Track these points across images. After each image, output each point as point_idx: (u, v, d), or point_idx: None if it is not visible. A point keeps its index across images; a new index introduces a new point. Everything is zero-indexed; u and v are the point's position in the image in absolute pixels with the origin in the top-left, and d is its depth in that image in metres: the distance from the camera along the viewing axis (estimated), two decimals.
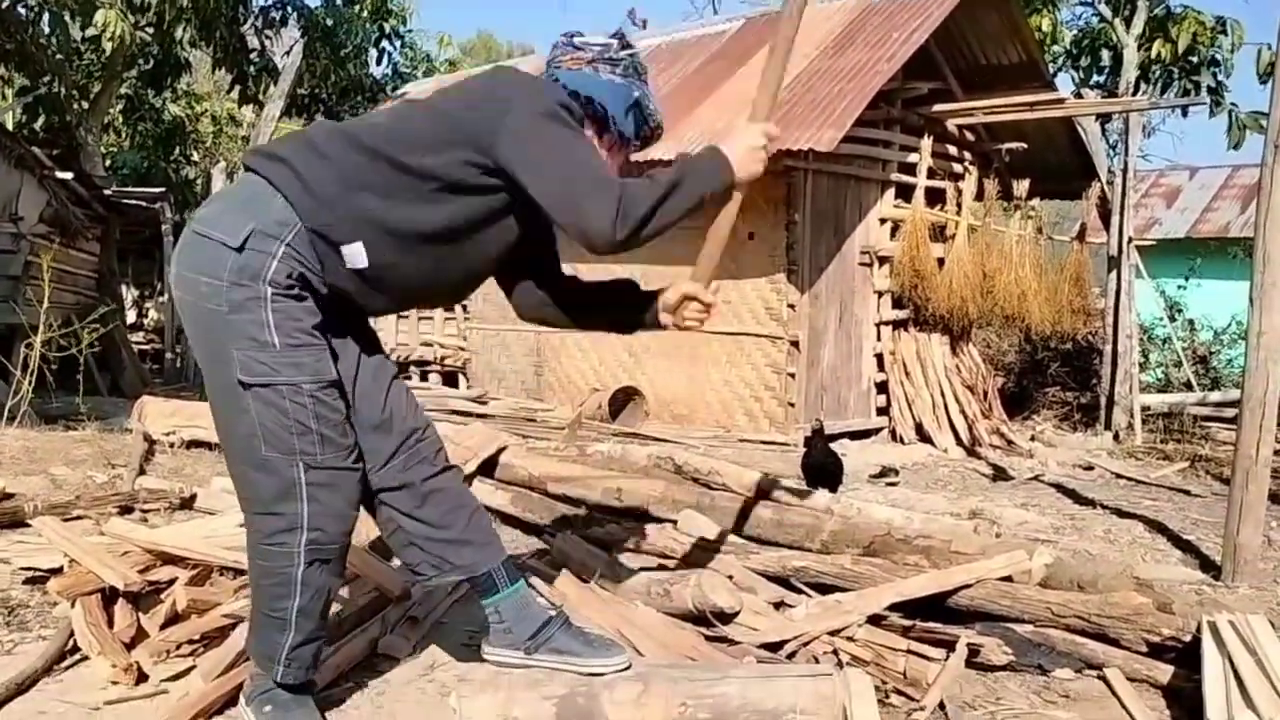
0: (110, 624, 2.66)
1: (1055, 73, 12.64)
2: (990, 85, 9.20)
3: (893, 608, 2.95)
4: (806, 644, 2.74)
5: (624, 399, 8.78)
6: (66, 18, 12.50)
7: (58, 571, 3.05)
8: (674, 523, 3.74)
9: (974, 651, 2.70)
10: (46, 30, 12.68)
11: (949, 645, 2.67)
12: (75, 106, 14.08)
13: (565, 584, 3.05)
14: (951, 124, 9.29)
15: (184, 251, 2.12)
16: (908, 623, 2.85)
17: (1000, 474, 7.22)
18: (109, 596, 2.80)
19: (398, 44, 17.25)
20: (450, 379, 11.05)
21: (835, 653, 2.71)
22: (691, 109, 8.60)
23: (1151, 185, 17.20)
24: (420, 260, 2.18)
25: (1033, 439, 8.88)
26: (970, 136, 9.62)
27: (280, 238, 2.05)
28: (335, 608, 2.65)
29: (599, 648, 2.31)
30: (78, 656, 2.58)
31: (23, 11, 12.63)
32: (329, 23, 15.56)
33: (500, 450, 4.67)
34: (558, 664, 2.28)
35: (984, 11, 8.84)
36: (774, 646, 2.73)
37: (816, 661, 2.64)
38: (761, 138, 2.31)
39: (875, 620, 2.86)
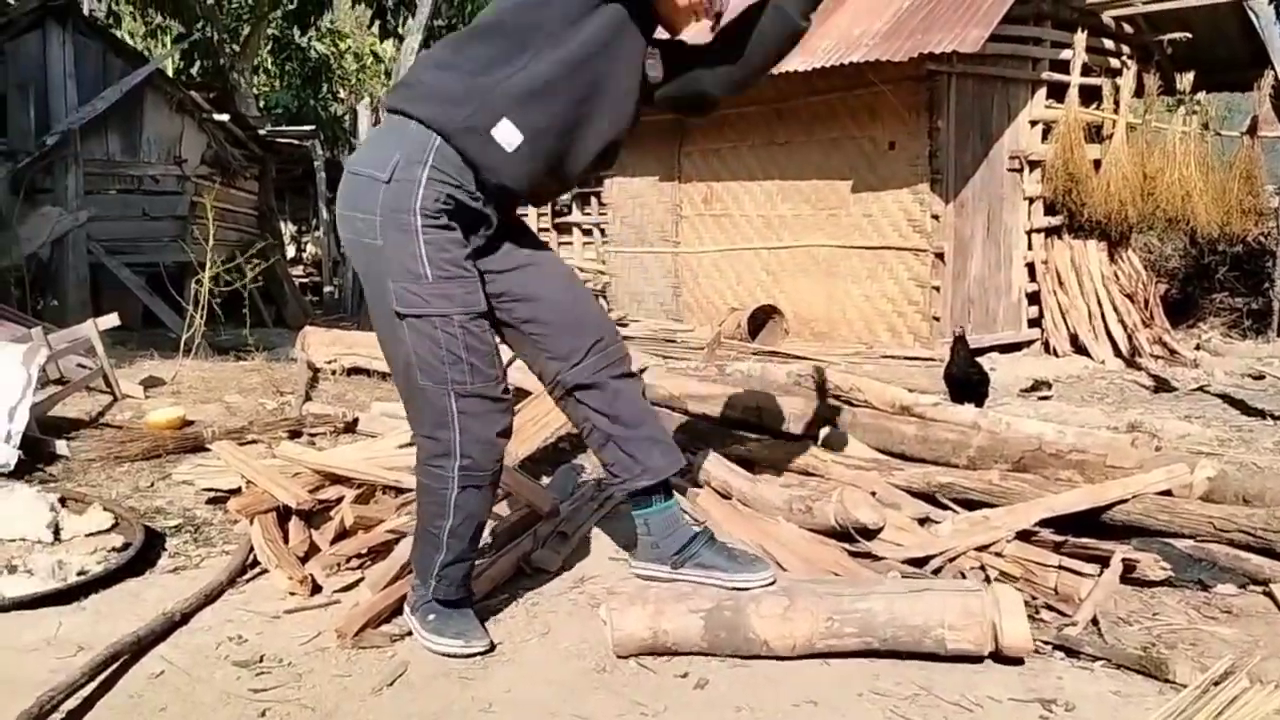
0: (285, 540, 2.86)
1: None
2: None
3: (1044, 524, 2.88)
4: (953, 560, 2.72)
5: (763, 318, 8.74)
6: None
7: (236, 492, 3.28)
8: (815, 439, 3.73)
9: (1130, 567, 2.62)
10: None
11: (1103, 561, 2.60)
12: (227, 50, 14.68)
13: (708, 501, 3.10)
14: (1107, 16, 8.70)
15: (342, 190, 2.25)
16: (1059, 539, 2.79)
17: (1162, 385, 6.90)
18: (283, 515, 3.00)
19: None
20: None
21: (983, 569, 2.68)
22: (826, 16, 8.30)
23: None
24: (566, 110, 2.19)
25: (1198, 348, 8.43)
26: (1129, 29, 8.99)
27: (423, 161, 2.12)
28: (490, 523, 2.77)
29: (744, 563, 2.36)
30: (258, 570, 2.78)
31: None
32: None
33: (641, 371, 4.73)
34: (703, 579, 2.34)
35: None
36: (919, 562, 2.72)
37: (963, 578, 2.62)
38: None
39: (1025, 536, 2.80)
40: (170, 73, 12.97)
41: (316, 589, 2.62)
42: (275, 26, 16.35)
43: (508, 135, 2.13)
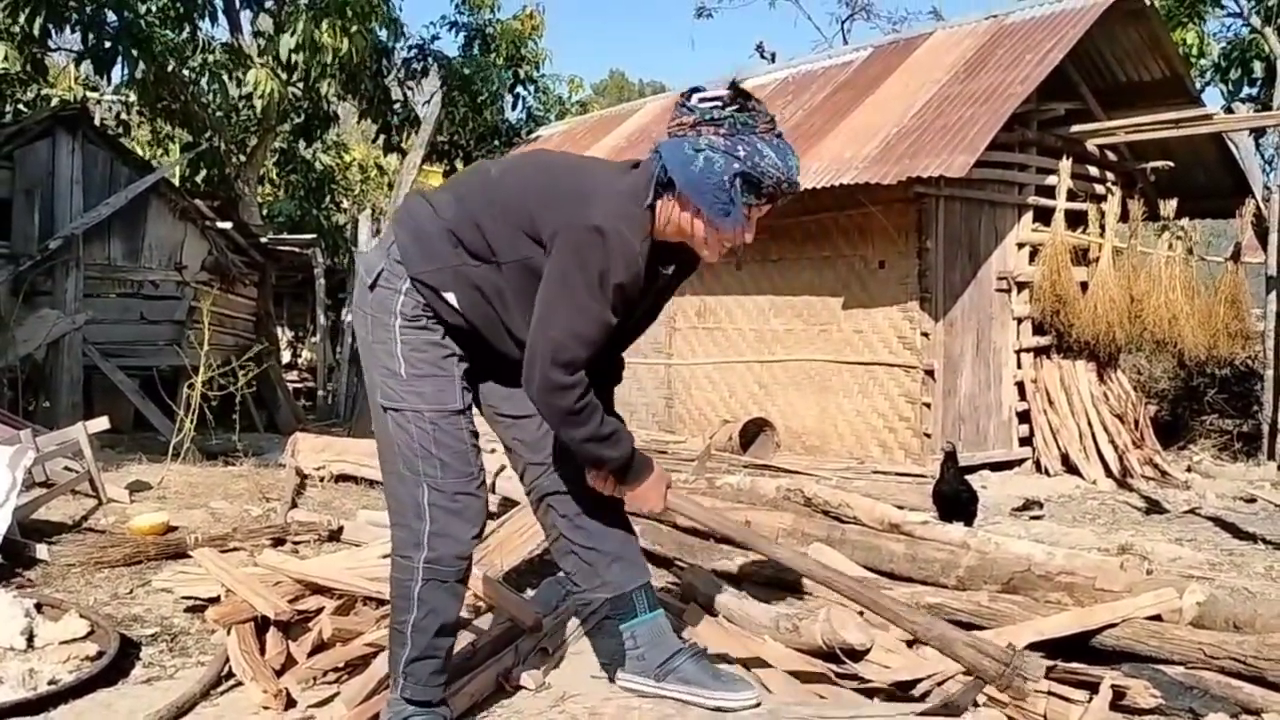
0: (262, 651, 2.81)
1: (1203, 87, 12.13)
2: (1132, 103, 8.88)
3: (1032, 647, 2.84)
4: (941, 683, 2.67)
5: (755, 430, 8.75)
6: (224, 78, 13.36)
7: (216, 600, 3.24)
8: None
9: (1120, 694, 2.57)
10: (206, 90, 13.57)
11: (1092, 687, 2.56)
12: (234, 160, 14.99)
13: (694, 617, 3.06)
14: (1091, 144, 8.96)
15: (354, 290, 2.43)
16: (1049, 662, 2.74)
17: (1154, 507, 6.88)
18: (261, 625, 2.96)
19: (532, 89, 17.76)
20: None
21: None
22: (818, 140, 8.56)
23: None
24: (499, 316, 2.28)
25: (1189, 470, 8.43)
26: (1112, 156, 9.27)
27: (404, 275, 2.26)
28: (470, 637, 2.73)
29: (728, 683, 2.33)
30: (233, 682, 2.73)
31: (186, 73, 13.56)
32: (466, 72, 16.17)
33: None
34: (685, 694, 2.32)
35: (1122, 29, 8.55)
36: (908, 685, 2.67)
37: (951, 702, 2.57)
38: (658, 504, 2.41)
39: None
40: (176, 180, 13.23)
41: (291, 703, 2.57)
42: (282, 139, 16.76)
43: (453, 301, 2.27)
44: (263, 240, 12.75)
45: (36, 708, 2.54)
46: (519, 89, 17.46)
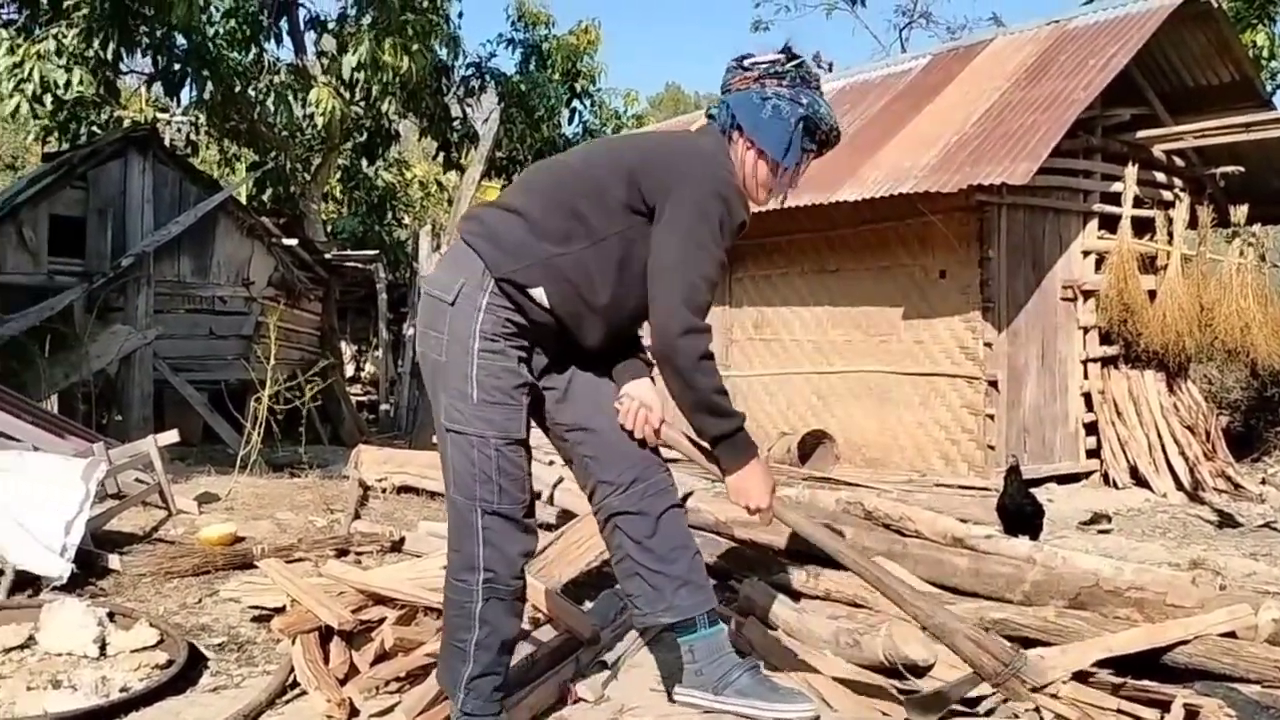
0: (326, 660, 2.85)
1: (1275, 90, 11.80)
2: (1200, 107, 8.68)
3: (1101, 664, 2.77)
4: (1005, 700, 2.62)
5: (813, 443, 8.68)
6: (289, 98, 13.66)
7: (281, 610, 3.29)
8: None
9: (1192, 713, 2.50)
10: (271, 110, 13.89)
11: (1164, 705, 2.49)
12: (298, 178, 15.30)
13: (752, 631, 3.04)
14: (1158, 150, 8.77)
15: (420, 308, 2.40)
16: (1118, 680, 2.68)
17: (1227, 520, 6.69)
18: (325, 634, 3.00)
19: (588, 103, 17.86)
20: None
21: (1037, 710, 2.58)
22: (876, 149, 8.49)
23: None
24: (596, 295, 2.31)
25: (1263, 482, 8.18)
26: (1179, 162, 9.05)
27: (483, 288, 2.25)
28: (528, 648, 2.74)
29: (786, 695, 2.31)
30: (297, 691, 2.76)
31: (252, 94, 13.88)
32: (523, 88, 16.32)
33: (687, 495, 4.70)
34: (744, 707, 2.30)
35: (1189, 31, 8.37)
36: (972, 703, 2.63)
37: (1017, 719, 2.53)
38: (765, 500, 2.41)
39: (1082, 677, 2.69)
40: (243, 199, 13.52)
41: (354, 712, 2.60)
42: (345, 157, 17.06)
43: (541, 298, 2.29)
44: (327, 256, 12.98)
45: (109, 714, 2.60)
46: (575, 104, 17.58)
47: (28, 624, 3.15)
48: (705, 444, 2.44)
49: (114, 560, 4.19)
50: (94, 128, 12.77)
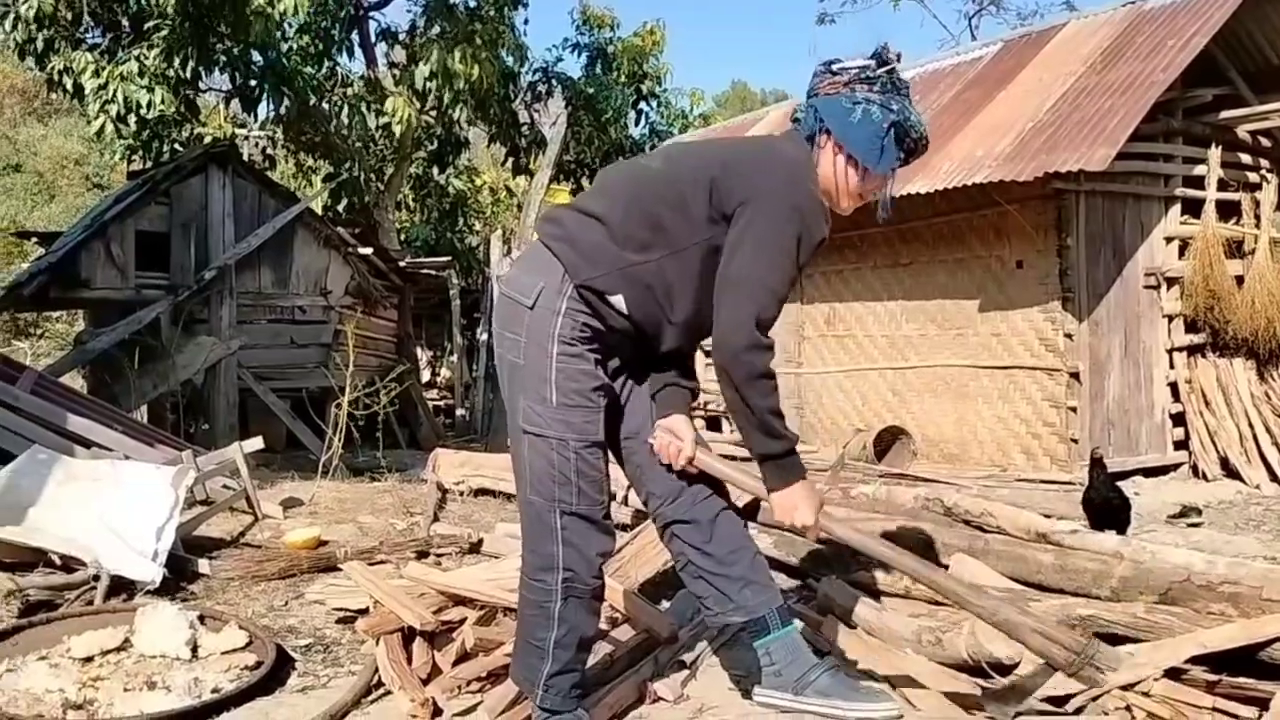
0: (409, 660, 2.90)
1: None
2: None
3: (1194, 661, 2.69)
4: (1095, 698, 2.56)
5: (890, 439, 8.57)
6: (363, 109, 13.91)
7: (365, 612, 3.35)
8: (945, 567, 3.60)
9: None
10: (346, 121, 14.16)
11: (1262, 703, 2.41)
12: (372, 188, 15.57)
13: (831, 630, 3.01)
14: (1243, 131, 8.47)
15: (497, 311, 2.39)
16: (1212, 677, 2.59)
17: None
18: (408, 635, 3.05)
19: (654, 104, 17.88)
20: (713, 423, 11.19)
21: (1129, 709, 2.51)
22: (948, 139, 8.35)
23: None
24: (675, 305, 2.31)
25: None
26: (1266, 142, 8.72)
27: (562, 292, 2.25)
28: (607, 648, 2.75)
29: (867, 695, 2.29)
30: (382, 691, 2.81)
31: (326, 107, 14.17)
32: (590, 91, 16.41)
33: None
34: (825, 707, 2.28)
35: (1273, 7, 8.07)
36: (1060, 701, 2.57)
37: (1106, 716, 2.46)
38: (810, 518, 2.38)
39: (1175, 675, 2.62)
40: (319, 210, 13.81)
41: (438, 712, 2.64)
42: (417, 166, 17.31)
43: (621, 305, 2.28)
44: (401, 264, 13.18)
45: (201, 715, 2.67)
46: (641, 105, 17.61)
47: (123, 627, 3.26)
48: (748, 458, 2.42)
49: (203, 565, 4.31)
50: (175, 145, 13.14)
